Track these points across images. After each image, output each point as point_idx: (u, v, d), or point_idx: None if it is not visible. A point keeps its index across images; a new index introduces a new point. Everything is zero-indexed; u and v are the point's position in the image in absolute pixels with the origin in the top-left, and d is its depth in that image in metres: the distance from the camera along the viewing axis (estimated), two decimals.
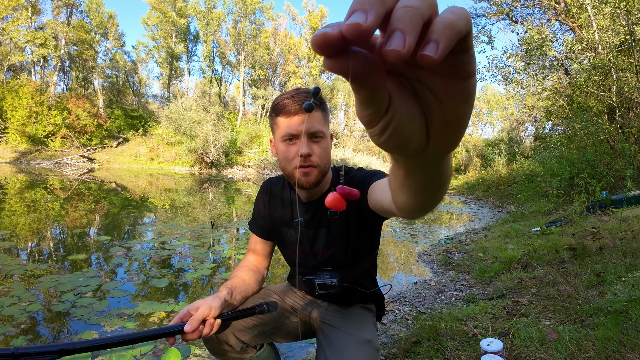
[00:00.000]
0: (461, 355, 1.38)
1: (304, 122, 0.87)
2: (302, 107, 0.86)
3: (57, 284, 2.59)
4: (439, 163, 0.31)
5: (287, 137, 0.89)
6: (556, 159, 7.26)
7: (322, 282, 0.98)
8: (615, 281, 1.76)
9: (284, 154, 0.90)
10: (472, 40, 0.22)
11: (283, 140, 0.89)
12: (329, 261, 1.01)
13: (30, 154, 19.03)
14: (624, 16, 6.13)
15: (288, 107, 0.87)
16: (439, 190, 0.36)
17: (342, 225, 0.97)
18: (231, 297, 0.90)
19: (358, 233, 0.98)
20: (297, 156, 0.87)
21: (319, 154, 0.89)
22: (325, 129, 0.91)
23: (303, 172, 0.88)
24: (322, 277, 0.99)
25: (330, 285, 0.97)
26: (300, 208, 1.01)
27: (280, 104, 0.89)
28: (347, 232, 0.98)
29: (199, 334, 0.77)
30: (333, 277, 0.98)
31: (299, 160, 0.87)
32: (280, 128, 0.89)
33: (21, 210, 5.60)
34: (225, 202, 8.42)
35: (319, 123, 0.89)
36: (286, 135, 0.88)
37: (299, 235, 1.01)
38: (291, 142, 0.89)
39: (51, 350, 0.60)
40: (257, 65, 29.96)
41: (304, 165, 0.87)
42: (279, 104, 0.89)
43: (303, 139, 0.87)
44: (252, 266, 1.08)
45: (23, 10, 22.24)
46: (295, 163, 0.88)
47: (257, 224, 1.11)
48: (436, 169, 0.32)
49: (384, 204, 0.66)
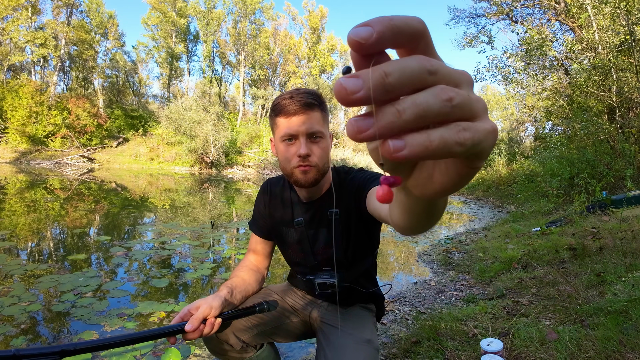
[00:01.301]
0: (461, 355, 1.38)
1: (304, 122, 0.87)
2: (301, 107, 0.86)
3: (57, 284, 2.59)
4: (422, 202, 0.30)
5: (287, 138, 0.89)
6: (556, 159, 7.26)
7: (322, 282, 0.98)
8: (615, 281, 1.76)
9: (284, 154, 0.91)
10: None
11: (282, 140, 0.90)
12: (329, 261, 1.01)
13: (30, 154, 19.03)
14: (624, 16, 6.13)
15: (287, 107, 0.87)
16: (430, 219, 0.36)
17: (342, 225, 0.97)
18: (231, 297, 0.90)
19: (358, 233, 0.98)
20: (296, 156, 0.88)
21: (318, 154, 0.89)
22: (325, 129, 0.91)
23: (302, 170, 0.89)
24: (322, 277, 0.99)
25: (330, 285, 0.98)
26: (301, 208, 1.01)
27: (279, 104, 0.89)
28: (347, 232, 0.98)
29: (199, 333, 0.77)
30: (333, 277, 0.98)
31: (297, 160, 0.88)
32: (279, 128, 0.90)
33: (21, 210, 5.60)
34: (225, 202, 8.42)
35: (318, 123, 0.89)
36: (285, 136, 0.89)
37: (299, 235, 1.01)
38: (290, 143, 0.89)
39: (52, 351, 0.60)
40: (257, 65, 29.96)
41: (303, 164, 0.88)
42: (278, 104, 0.89)
43: (302, 139, 0.87)
44: (252, 266, 1.09)
45: (23, 10, 22.23)
46: (295, 163, 0.88)
47: (258, 224, 1.11)
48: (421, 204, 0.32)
49: (381, 213, 0.67)
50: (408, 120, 0.19)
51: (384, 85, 0.18)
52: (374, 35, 0.18)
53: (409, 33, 0.19)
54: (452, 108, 0.19)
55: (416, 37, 0.20)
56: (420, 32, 0.20)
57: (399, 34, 0.19)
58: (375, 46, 0.19)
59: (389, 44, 0.19)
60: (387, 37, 0.19)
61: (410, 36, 0.20)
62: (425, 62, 0.19)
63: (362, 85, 0.18)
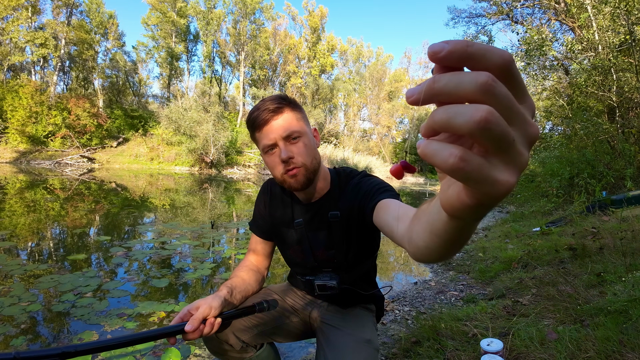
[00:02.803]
0: (461, 355, 1.38)
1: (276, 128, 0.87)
2: (269, 114, 0.87)
3: (57, 284, 2.59)
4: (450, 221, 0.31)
5: (267, 149, 0.89)
6: (556, 159, 7.26)
7: (321, 284, 0.98)
8: (615, 281, 1.76)
9: (270, 164, 0.91)
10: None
11: (265, 152, 0.91)
12: (329, 262, 1.01)
13: (30, 154, 19.02)
14: (624, 16, 6.12)
15: (257, 119, 0.88)
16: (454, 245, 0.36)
17: (343, 228, 0.97)
18: (231, 296, 0.90)
19: (359, 237, 0.98)
20: (280, 163, 0.88)
21: (300, 152, 0.88)
22: (301, 126, 0.90)
23: (290, 175, 0.88)
24: (322, 279, 0.99)
25: (330, 287, 0.98)
26: (300, 209, 1.01)
27: (250, 119, 0.90)
28: (348, 236, 0.98)
29: (199, 333, 0.77)
30: (333, 279, 0.98)
31: (283, 167, 0.88)
32: (259, 142, 0.91)
33: (21, 210, 5.60)
34: (225, 202, 8.42)
35: (291, 124, 0.88)
36: (265, 147, 0.89)
37: (299, 235, 1.01)
38: (272, 152, 0.89)
39: (53, 353, 0.59)
40: (257, 65, 29.94)
41: (289, 168, 0.88)
42: (249, 120, 0.90)
43: (280, 144, 0.87)
44: (252, 266, 1.09)
45: (23, 10, 22.22)
46: (281, 170, 0.88)
47: (258, 224, 1.11)
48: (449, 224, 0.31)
49: (393, 233, 0.64)
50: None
51: (432, 89, 0.22)
52: (443, 52, 0.21)
53: (483, 61, 0.22)
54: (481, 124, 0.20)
55: (492, 66, 0.22)
56: (497, 65, 0.22)
57: (470, 59, 0.22)
58: (442, 60, 0.22)
59: (458, 62, 0.22)
60: (455, 57, 0.21)
61: (485, 65, 0.22)
62: (481, 78, 0.20)
63: (415, 91, 0.23)
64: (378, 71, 34.40)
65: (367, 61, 36.36)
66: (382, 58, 36.04)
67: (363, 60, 36.43)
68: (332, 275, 0.99)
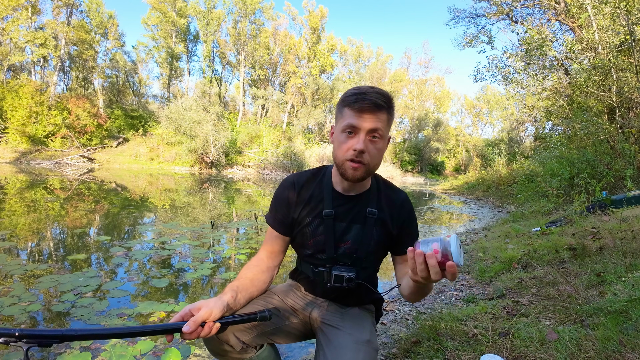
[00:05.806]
0: (461, 355, 1.38)
1: (368, 119, 0.90)
2: (371, 105, 0.88)
3: (57, 284, 2.60)
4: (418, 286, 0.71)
5: (348, 129, 0.91)
6: (556, 159, 7.27)
7: (339, 274, 0.99)
8: (615, 281, 1.75)
9: (341, 143, 0.93)
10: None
11: (344, 130, 0.92)
12: (349, 256, 1.02)
13: (30, 154, 19.03)
14: (624, 16, 6.13)
15: (358, 102, 0.89)
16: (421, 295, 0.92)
17: (376, 226, 1.01)
18: (234, 301, 0.90)
19: (383, 241, 1.03)
20: (352, 149, 0.90)
21: (373, 153, 0.92)
22: (386, 131, 0.93)
23: (353, 167, 0.91)
24: (340, 270, 1.00)
25: (348, 279, 0.99)
26: (337, 199, 1.03)
27: (351, 97, 0.91)
28: (378, 234, 1.02)
29: (197, 335, 0.77)
30: (351, 272, 1.00)
31: (352, 154, 0.90)
32: (344, 118, 0.92)
33: (21, 210, 5.60)
34: (225, 202, 8.42)
35: (382, 124, 0.91)
36: (348, 127, 0.91)
37: (326, 225, 1.02)
38: (350, 135, 0.91)
39: (54, 334, 0.63)
40: (257, 65, 29.96)
41: (356, 159, 0.90)
42: (350, 97, 0.91)
43: (362, 135, 0.90)
44: (262, 266, 1.07)
45: (23, 10, 22.23)
46: (349, 155, 0.91)
47: (277, 218, 1.08)
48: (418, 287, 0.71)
49: (396, 273, 1.07)
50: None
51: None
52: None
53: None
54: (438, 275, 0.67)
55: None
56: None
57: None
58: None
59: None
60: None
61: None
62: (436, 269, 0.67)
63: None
64: (378, 71, 34.42)
65: (367, 61, 36.38)
66: (382, 58, 36.07)
67: (363, 61, 36.46)
68: (351, 269, 1.01)
